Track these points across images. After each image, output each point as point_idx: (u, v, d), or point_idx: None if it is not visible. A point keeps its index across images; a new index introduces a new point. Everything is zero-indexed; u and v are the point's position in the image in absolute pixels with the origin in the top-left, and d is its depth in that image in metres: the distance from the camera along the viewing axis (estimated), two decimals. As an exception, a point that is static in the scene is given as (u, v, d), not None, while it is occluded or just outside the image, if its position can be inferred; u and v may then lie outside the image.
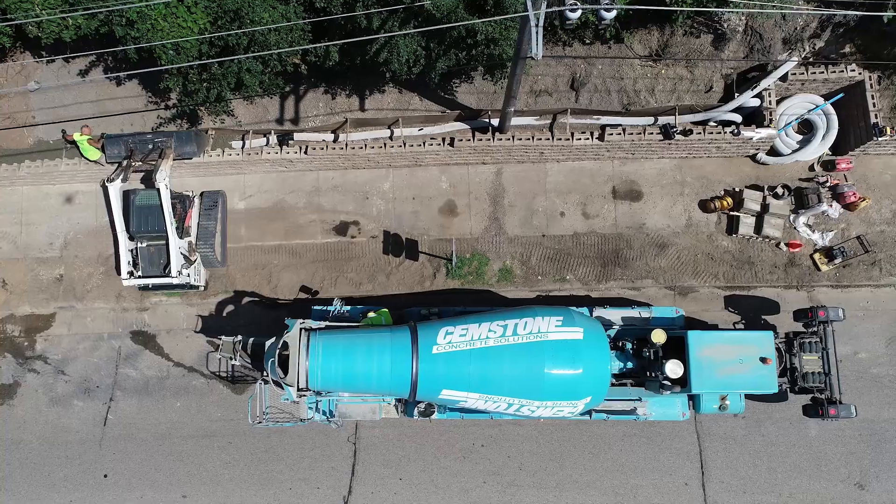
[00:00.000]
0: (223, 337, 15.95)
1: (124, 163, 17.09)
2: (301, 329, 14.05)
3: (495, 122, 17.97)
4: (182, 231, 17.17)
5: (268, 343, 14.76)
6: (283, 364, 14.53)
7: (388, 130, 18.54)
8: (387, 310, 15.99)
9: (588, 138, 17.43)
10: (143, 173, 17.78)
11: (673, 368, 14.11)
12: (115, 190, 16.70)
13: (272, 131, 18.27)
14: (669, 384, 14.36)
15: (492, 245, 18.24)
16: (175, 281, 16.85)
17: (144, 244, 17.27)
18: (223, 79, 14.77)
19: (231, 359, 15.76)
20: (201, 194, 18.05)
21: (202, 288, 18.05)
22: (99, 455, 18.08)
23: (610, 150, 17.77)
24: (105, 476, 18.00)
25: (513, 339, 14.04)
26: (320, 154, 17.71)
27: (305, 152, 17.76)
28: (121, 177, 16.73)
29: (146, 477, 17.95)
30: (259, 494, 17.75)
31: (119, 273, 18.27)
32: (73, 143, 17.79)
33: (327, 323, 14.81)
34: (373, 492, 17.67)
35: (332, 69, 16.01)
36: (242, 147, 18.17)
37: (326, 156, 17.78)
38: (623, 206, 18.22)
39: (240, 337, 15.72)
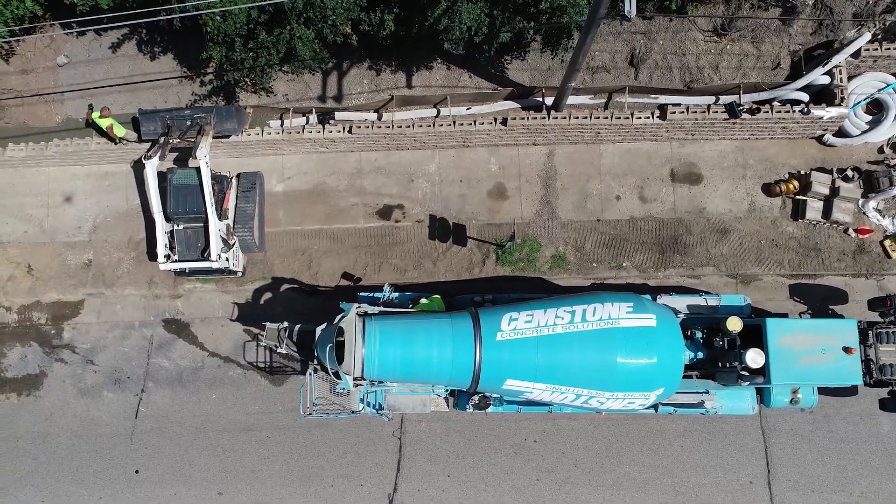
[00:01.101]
0: (267, 323, 15.09)
1: (161, 140, 16.15)
2: (357, 314, 13.16)
3: (549, 100, 17.05)
4: (220, 213, 16.25)
5: (318, 329, 13.89)
6: (335, 351, 13.71)
7: (435, 109, 17.64)
8: (439, 296, 15.12)
9: (648, 117, 16.50)
10: (177, 152, 16.83)
11: (754, 357, 13.22)
12: (152, 168, 15.77)
13: (313, 109, 17.34)
14: (748, 375, 13.50)
15: (544, 230, 17.32)
16: (214, 265, 15.93)
17: (181, 226, 16.33)
18: (273, 47, 13.83)
19: (276, 346, 14.89)
20: (238, 175, 17.14)
21: (240, 274, 17.13)
22: (130, 449, 17.17)
23: (670, 129, 16.86)
24: (136, 472, 17.10)
25: (582, 325, 13.16)
26: (365, 133, 16.79)
27: (349, 131, 16.84)
28: (158, 154, 15.80)
29: (180, 473, 17.04)
30: (299, 492, 16.85)
31: (151, 258, 17.39)
32: (94, 124, 16.87)
33: (381, 308, 13.92)
34: (419, 489, 16.76)
35: (385, 40, 15.08)
36: (281, 126, 17.27)
37: (371, 135, 16.86)
38: (682, 190, 17.31)
39: (286, 323, 14.86)
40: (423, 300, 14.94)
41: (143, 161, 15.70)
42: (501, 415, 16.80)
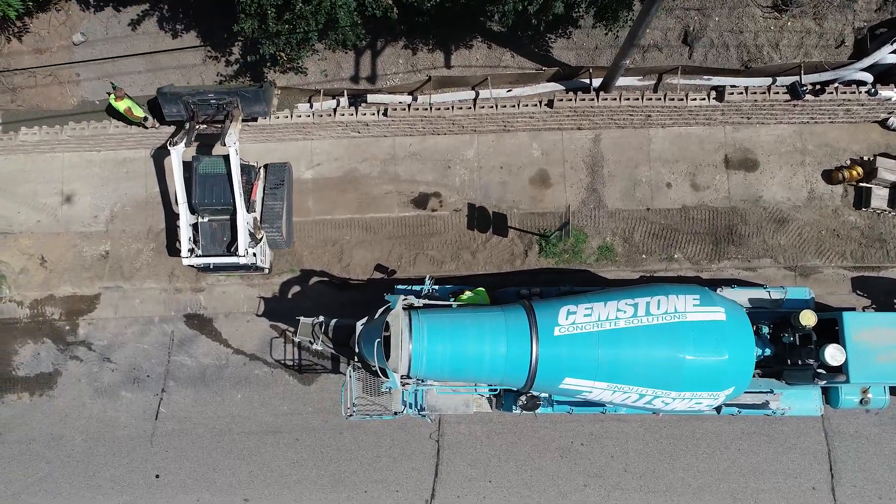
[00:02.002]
0: (301, 318, 14.05)
1: (187, 125, 15.07)
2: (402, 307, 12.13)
3: (596, 81, 16.04)
4: (248, 205, 15.21)
5: (358, 324, 12.86)
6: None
7: (473, 92, 16.62)
8: (483, 289, 14.11)
9: (704, 99, 15.46)
10: (199, 138, 15.73)
11: (834, 354, 12.20)
12: (177, 155, 14.69)
13: (345, 91, 16.31)
14: (825, 373, 12.48)
15: (590, 220, 16.28)
16: (241, 262, 14.86)
17: (206, 219, 15.26)
18: (312, 17, 12.79)
19: (310, 343, 13.86)
20: (265, 166, 16.05)
21: (267, 271, 16.06)
22: (150, 453, 16.14)
23: (725, 112, 15.81)
24: (157, 476, 16.06)
25: (646, 319, 12.14)
26: (400, 116, 15.75)
27: (385, 114, 15.80)
28: (184, 140, 14.71)
29: (203, 478, 16.01)
30: (330, 498, 15.81)
31: (171, 252, 16.37)
32: (112, 108, 15.84)
33: (426, 301, 12.89)
34: (459, 496, 15.72)
35: (430, 11, 14.04)
36: (311, 108, 16.24)
37: (407, 118, 15.81)
38: (737, 177, 16.26)
39: (321, 318, 13.82)
40: (467, 293, 13.91)
41: (169, 147, 14.64)
42: (546, 416, 15.77)
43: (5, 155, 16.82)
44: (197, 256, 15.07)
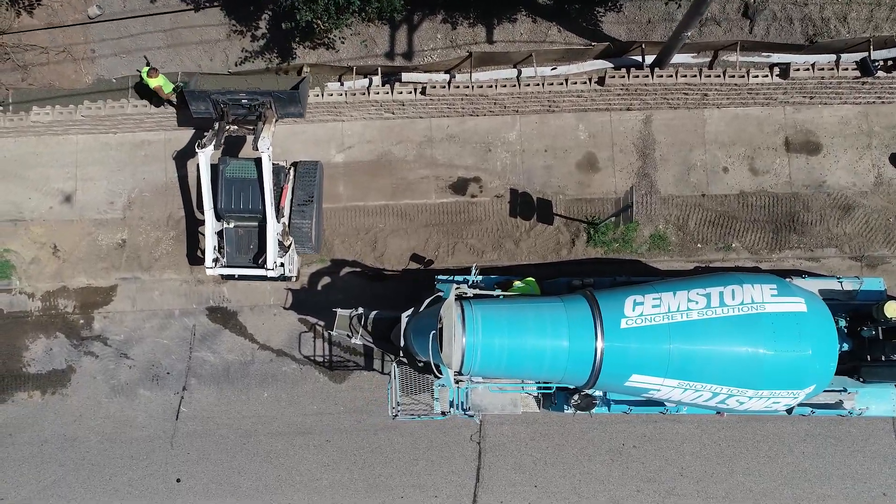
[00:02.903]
0: (338, 310, 12.97)
1: (216, 125, 13.89)
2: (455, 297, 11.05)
3: (649, 58, 14.99)
4: (278, 212, 14.03)
5: (404, 316, 11.77)
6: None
7: (515, 70, 15.58)
8: (533, 279, 13.06)
9: (766, 76, 14.39)
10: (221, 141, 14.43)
11: (929, 349, 11.14)
12: (205, 158, 13.52)
13: (378, 69, 15.24)
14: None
15: (641, 206, 15.05)
16: (270, 274, 13.72)
17: (231, 225, 14.14)
18: (354, -21, 11.74)
19: (348, 337, 12.77)
20: (294, 165, 14.90)
21: (294, 280, 14.98)
22: (170, 455, 15.08)
23: (788, 91, 14.74)
24: (178, 480, 15.02)
25: (721, 310, 11.07)
26: (439, 95, 14.68)
27: (423, 93, 14.72)
28: (213, 142, 13.56)
29: (227, 482, 14.96)
30: (364, 503, 14.75)
31: (194, 261, 15.37)
32: (141, 84, 14.76)
33: (476, 291, 11.84)
34: (502, 501, 14.67)
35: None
36: (341, 87, 15.18)
37: (447, 97, 14.74)
38: (798, 161, 15.19)
39: (360, 309, 12.73)
40: (517, 283, 12.87)
41: (197, 150, 13.49)
42: (596, 416, 14.69)
43: (15, 137, 15.75)
44: (221, 266, 13.95)
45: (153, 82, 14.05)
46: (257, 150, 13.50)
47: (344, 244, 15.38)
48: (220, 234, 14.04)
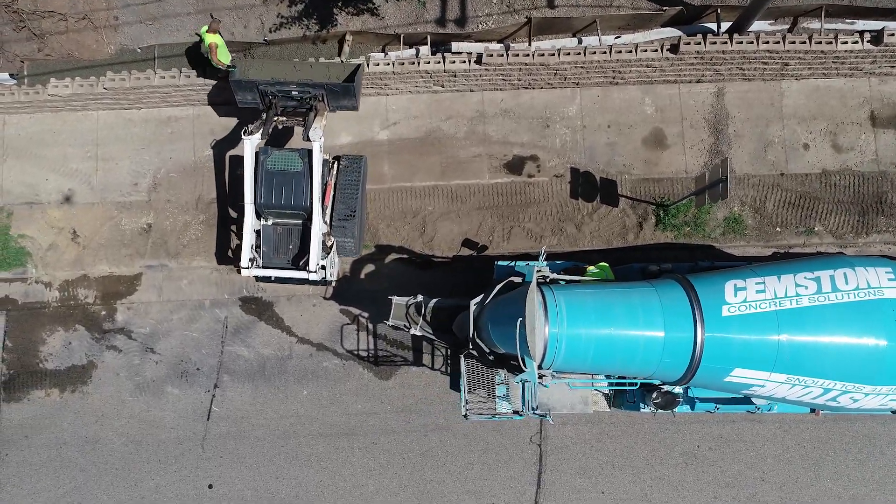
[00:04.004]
0: (393, 298, 11.74)
1: (264, 115, 12.66)
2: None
3: (724, 25, 13.73)
4: (323, 210, 12.75)
5: (472, 303, 10.53)
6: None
7: (575, 39, 14.34)
8: (607, 264, 11.78)
9: (856, 42, 13.12)
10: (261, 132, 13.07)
11: None
12: (251, 146, 12.30)
13: (427, 37, 14.00)
14: None
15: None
16: (312, 277, 12.43)
17: (270, 222, 12.91)
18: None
19: (405, 327, 11.52)
20: (338, 159, 13.53)
21: (334, 284, 13.64)
22: (201, 459, 13.82)
23: (876, 60, 13.46)
24: (210, 487, 13.76)
25: (834, 296, 9.81)
26: (496, 64, 13.41)
27: (478, 62, 13.45)
28: (261, 131, 12.35)
29: (264, 488, 13.69)
30: (414, 512, 13.52)
31: (224, 260, 14.09)
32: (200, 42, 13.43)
33: (553, 275, 10.58)
34: (566, 509, 13.42)
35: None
36: (385, 56, 13.92)
37: (504, 67, 13.46)
38: (886, 137, 13.91)
39: (420, 297, 11.48)
40: (592, 268, 11.59)
41: (243, 136, 12.29)
42: (666, 418, 13.43)
43: (31, 112, 14.48)
44: (258, 267, 12.65)
45: (211, 38, 12.68)
46: (308, 140, 12.30)
47: (390, 228, 14.11)
48: (256, 232, 12.78)
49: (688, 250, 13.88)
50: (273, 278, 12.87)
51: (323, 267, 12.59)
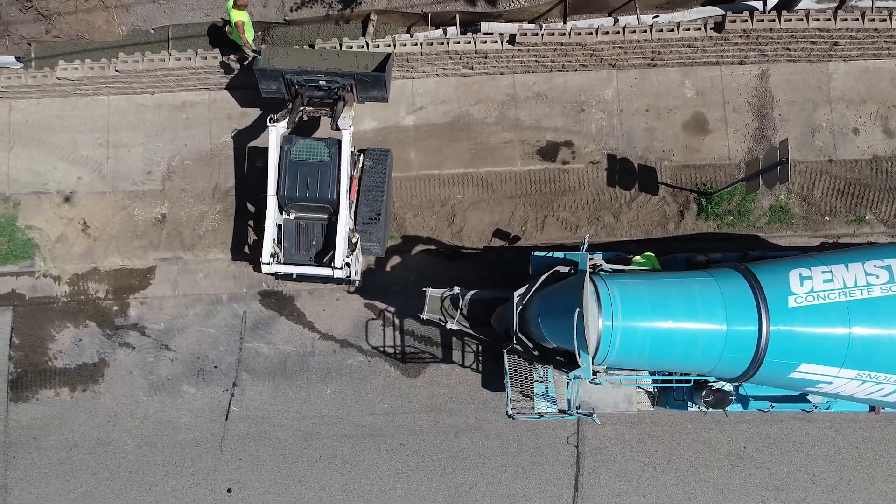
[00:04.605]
0: (428, 290, 11.07)
1: (290, 104, 12.02)
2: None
3: (772, 1, 13.03)
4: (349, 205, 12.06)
5: (516, 294, 9.83)
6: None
7: (611, 18, 13.64)
8: (653, 254, 11.09)
9: (914, 18, 12.43)
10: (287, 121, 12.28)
11: None
12: (276, 134, 11.65)
13: (457, 16, 13.30)
14: None
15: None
16: (337, 274, 11.72)
17: (292, 216, 12.19)
18: None
19: (441, 321, 10.82)
20: (363, 152, 12.71)
21: (357, 283, 12.88)
22: (219, 461, 13.11)
23: (933, 39, 12.78)
24: (229, 490, 13.06)
25: (908, 286, 9.09)
26: (531, 43, 12.69)
27: (511, 42, 12.75)
28: (287, 119, 11.70)
29: (286, 492, 12.99)
30: (444, 517, 12.81)
31: (238, 256, 13.39)
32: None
33: (606, 265, 9.88)
34: (605, 514, 12.71)
35: None
36: (411, 37, 13.21)
37: (540, 46, 12.74)
38: (940, 121, 13.24)
39: (456, 289, 10.79)
40: (638, 258, 10.90)
41: (269, 124, 11.64)
42: (710, 417, 12.76)
43: (38, 98, 13.78)
44: (279, 263, 11.94)
45: (238, 15, 11.96)
46: (337, 129, 11.64)
47: (417, 218, 13.40)
48: (277, 226, 12.07)
49: (731, 241, 13.18)
50: (294, 276, 12.12)
51: (347, 264, 11.87)
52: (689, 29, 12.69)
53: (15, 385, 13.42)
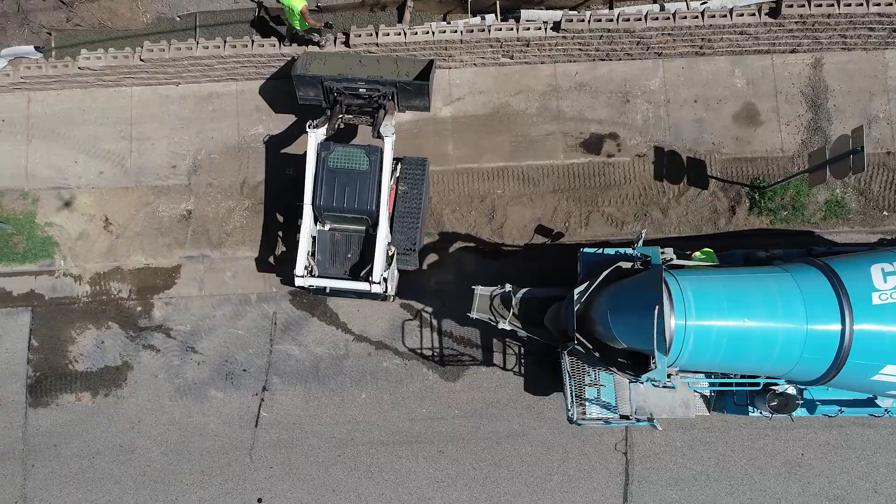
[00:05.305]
0: (477, 288, 10.44)
1: (329, 111, 11.51)
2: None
3: (825, -14, 12.42)
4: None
5: (576, 291, 9.19)
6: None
7: (656, 5, 13.06)
8: (711, 250, 10.48)
9: (982, 1, 11.84)
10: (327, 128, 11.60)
11: None
12: (315, 140, 11.10)
13: (497, 2, 12.72)
14: None
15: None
16: (375, 290, 11.09)
17: (327, 227, 11.59)
18: None
19: (491, 321, 10.19)
20: (399, 161, 12.09)
21: (392, 299, 12.20)
22: (249, 470, 12.48)
23: None
24: (259, 501, 12.43)
25: None
26: (577, 30, 12.10)
27: (555, 28, 12.16)
28: (326, 126, 11.17)
29: (319, 501, 12.37)
30: (486, 527, 12.18)
31: (264, 267, 12.81)
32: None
33: (677, 260, 9.29)
34: (656, 524, 12.08)
35: None
36: (450, 24, 12.63)
37: (586, 33, 12.16)
38: None
39: (508, 287, 10.18)
40: (697, 254, 10.31)
41: (308, 130, 11.09)
42: (763, 421, 12.14)
43: (58, 89, 13.19)
44: (312, 276, 11.29)
45: (299, 2, 11.37)
46: (378, 136, 11.15)
47: (455, 214, 12.79)
48: (312, 237, 11.44)
49: (785, 237, 12.57)
50: (328, 290, 11.45)
51: (385, 279, 11.25)
52: (742, 14, 12.11)
53: (34, 389, 12.80)
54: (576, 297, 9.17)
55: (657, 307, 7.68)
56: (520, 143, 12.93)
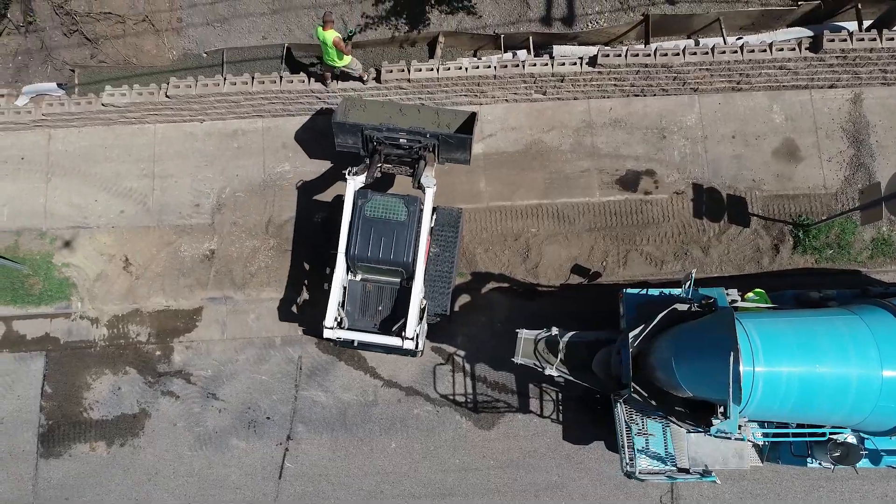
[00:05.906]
0: (521, 331, 9.95)
1: (367, 159, 11.25)
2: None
3: (856, 23, 12.27)
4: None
5: (631, 335, 8.65)
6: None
7: (690, 40, 12.85)
8: (763, 291, 10.04)
9: None
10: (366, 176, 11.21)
11: None
12: (353, 187, 10.77)
13: (530, 38, 12.52)
14: None
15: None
16: (407, 346, 10.51)
17: (359, 278, 11.16)
18: None
19: (537, 367, 9.64)
20: (434, 211, 11.65)
21: (420, 354, 11.62)
22: (272, 524, 11.80)
23: None
24: (283, 558, 11.70)
25: None
26: (614, 65, 11.86)
27: (591, 63, 11.91)
28: (365, 174, 10.84)
29: (346, 559, 11.64)
30: (525, 587, 11.41)
31: (286, 316, 12.33)
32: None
33: (741, 301, 8.81)
34: (706, 584, 11.32)
35: None
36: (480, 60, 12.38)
37: (622, 69, 11.91)
38: None
39: (555, 330, 9.66)
40: (750, 294, 9.87)
41: (346, 176, 10.75)
42: (818, 473, 11.50)
43: (80, 126, 12.90)
44: (342, 329, 10.73)
45: (332, 35, 11.01)
46: (419, 187, 10.83)
47: (488, 253, 12.35)
48: (343, 288, 10.96)
49: (831, 276, 12.10)
50: (356, 343, 10.89)
51: (417, 335, 10.75)
52: (782, 49, 11.87)
53: (46, 439, 12.17)
54: (630, 340, 8.65)
55: (731, 353, 7.16)
56: (554, 180, 12.57)
